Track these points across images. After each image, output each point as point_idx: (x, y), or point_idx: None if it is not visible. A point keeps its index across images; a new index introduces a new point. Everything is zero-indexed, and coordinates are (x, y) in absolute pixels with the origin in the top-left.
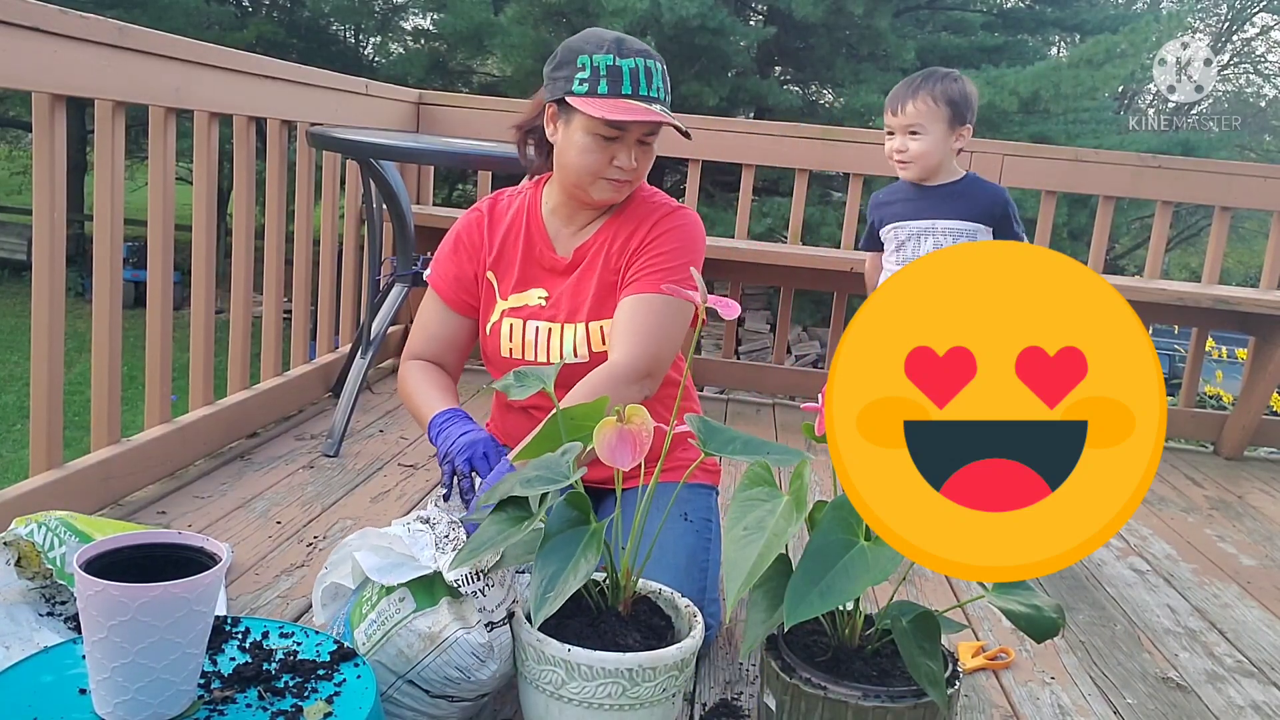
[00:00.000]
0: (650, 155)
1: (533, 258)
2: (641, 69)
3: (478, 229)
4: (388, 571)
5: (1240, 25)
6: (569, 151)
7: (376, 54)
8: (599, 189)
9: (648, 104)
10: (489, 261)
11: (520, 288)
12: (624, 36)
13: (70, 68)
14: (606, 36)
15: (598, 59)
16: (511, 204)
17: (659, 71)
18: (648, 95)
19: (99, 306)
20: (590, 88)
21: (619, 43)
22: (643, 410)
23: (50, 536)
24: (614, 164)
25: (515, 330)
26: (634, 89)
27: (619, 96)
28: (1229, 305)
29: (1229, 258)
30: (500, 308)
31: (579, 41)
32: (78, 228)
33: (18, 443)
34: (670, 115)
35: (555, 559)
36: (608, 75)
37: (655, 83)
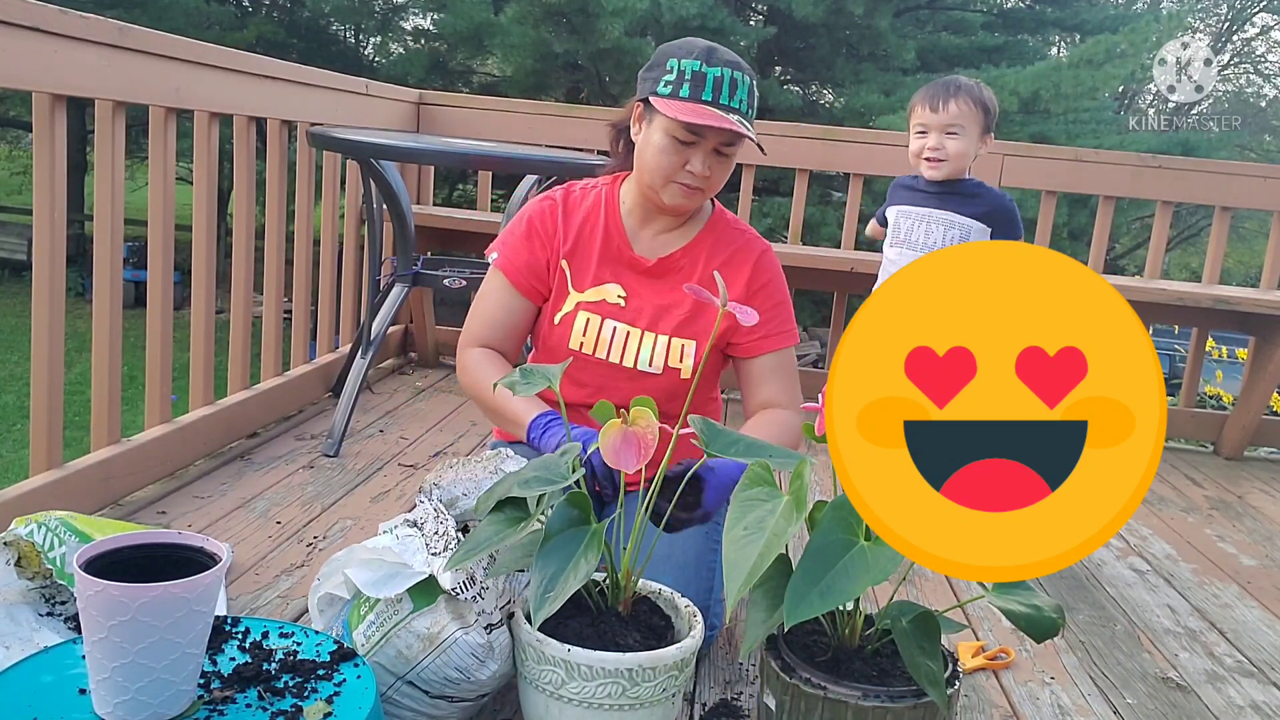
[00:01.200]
0: (726, 166)
1: (610, 252)
2: (727, 79)
3: (552, 217)
4: (382, 584)
5: (1240, 25)
6: (647, 150)
7: (376, 54)
8: (670, 192)
9: (726, 112)
10: (564, 250)
11: (597, 281)
12: (718, 47)
13: (70, 68)
14: (700, 44)
15: (685, 63)
16: (586, 196)
17: (745, 85)
18: (728, 105)
19: (99, 306)
20: (673, 90)
21: (710, 51)
22: (648, 413)
23: (50, 536)
24: (686, 168)
25: (591, 325)
26: (715, 97)
27: (699, 102)
28: (1229, 305)
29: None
30: (574, 299)
31: (673, 46)
32: (78, 228)
33: (18, 443)
34: (746, 127)
35: (556, 559)
36: (692, 80)
37: (739, 95)
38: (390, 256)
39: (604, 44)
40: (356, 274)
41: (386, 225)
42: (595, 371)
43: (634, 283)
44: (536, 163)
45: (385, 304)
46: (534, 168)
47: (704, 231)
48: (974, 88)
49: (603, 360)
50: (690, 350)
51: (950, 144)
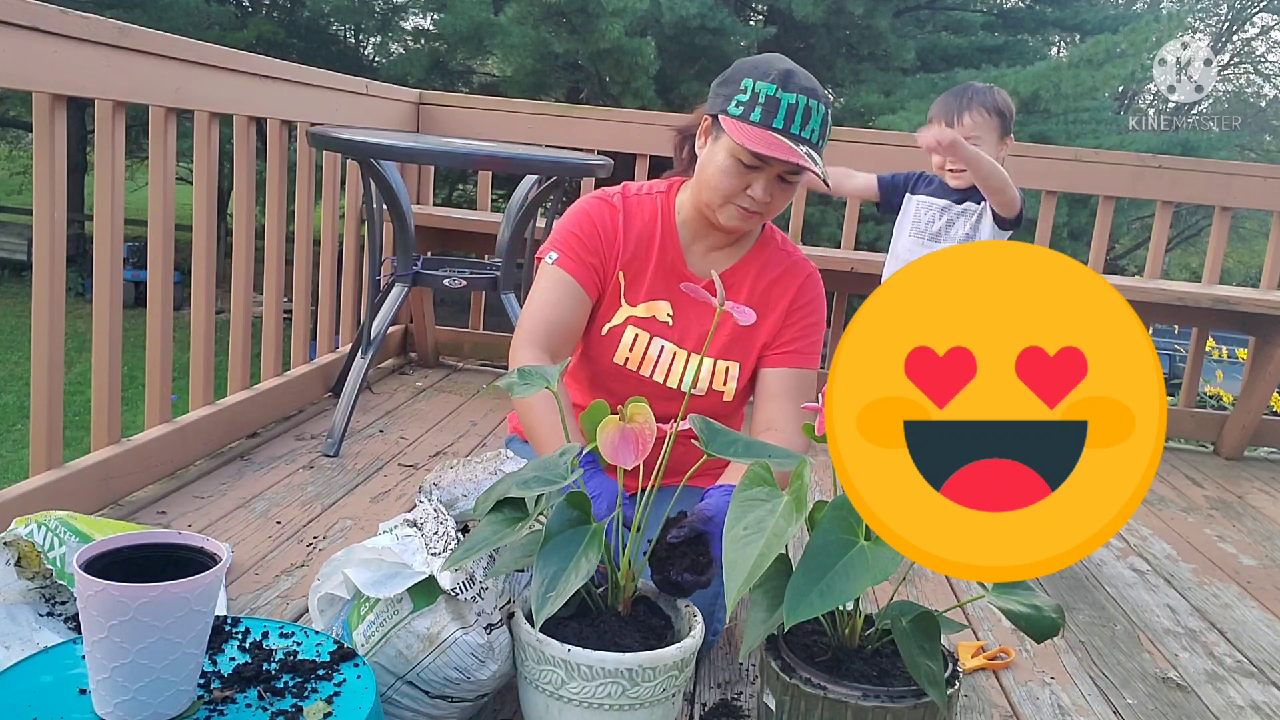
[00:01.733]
0: (789, 194)
1: (665, 267)
2: (801, 107)
3: (613, 221)
4: (382, 584)
5: (1240, 25)
6: (709, 167)
7: (376, 54)
8: (727, 214)
9: (795, 143)
10: (622, 260)
11: (650, 296)
12: (796, 70)
13: (70, 68)
14: (778, 66)
15: (760, 86)
16: (644, 205)
17: (819, 114)
18: (798, 135)
19: (99, 306)
20: (744, 112)
21: (787, 75)
22: (645, 409)
23: (50, 536)
24: (747, 192)
25: (640, 341)
26: (786, 125)
27: (769, 129)
28: (1229, 305)
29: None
30: (626, 312)
31: (750, 64)
32: (78, 228)
33: (18, 443)
34: (814, 161)
35: (556, 559)
36: (765, 104)
37: (812, 124)
38: (390, 256)
39: (604, 44)
40: (356, 274)
41: (386, 225)
42: (636, 387)
43: (683, 302)
44: (536, 163)
45: (385, 304)
46: (534, 168)
47: (753, 251)
48: (987, 94)
49: (646, 378)
50: (734, 373)
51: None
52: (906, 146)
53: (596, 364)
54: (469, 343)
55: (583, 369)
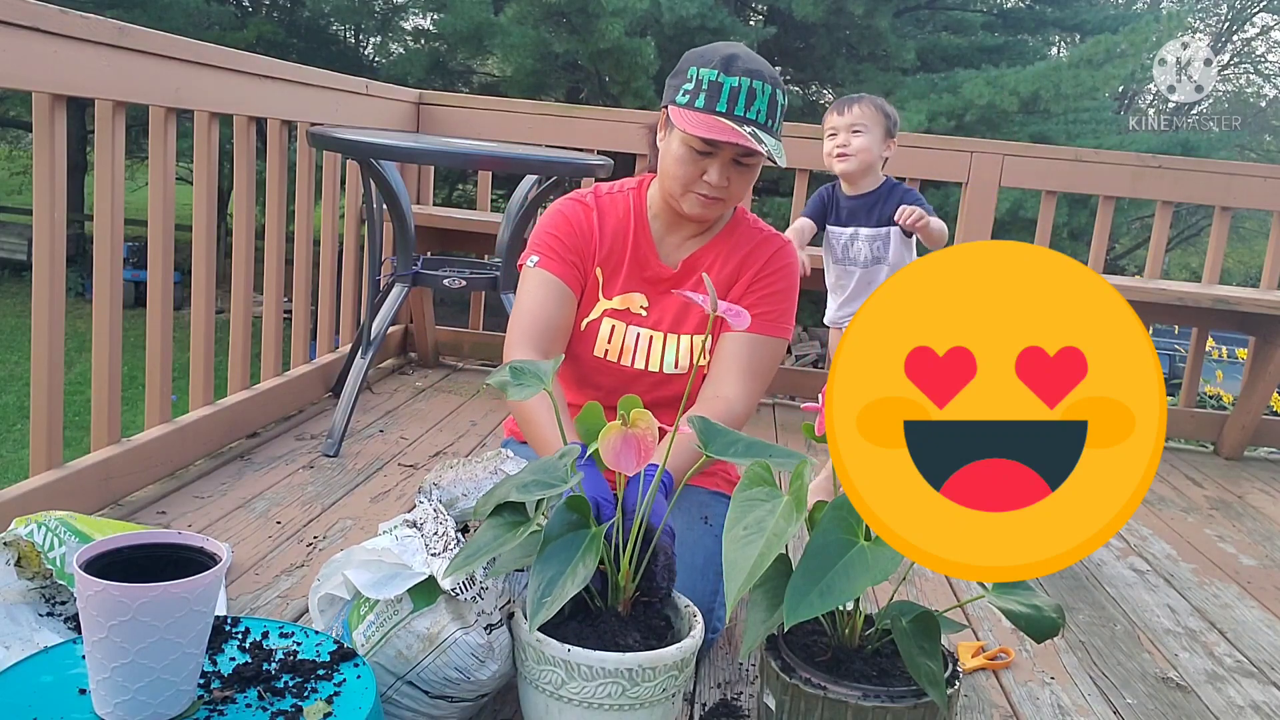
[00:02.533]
0: (747, 176)
1: (638, 262)
2: (745, 89)
3: (588, 220)
4: (382, 585)
5: (1240, 25)
6: (667, 158)
7: (376, 54)
8: (689, 202)
9: (739, 124)
10: (599, 257)
11: (625, 289)
12: (740, 54)
13: (70, 68)
14: (720, 51)
15: (703, 72)
16: (616, 202)
17: (765, 94)
18: (742, 116)
19: (99, 306)
20: (689, 99)
21: (729, 59)
22: (647, 414)
23: (50, 536)
24: (704, 178)
25: (616, 332)
26: (730, 107)
27: (712, 113)
28: (1229, 305)
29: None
30: (602, 306)
31: (697, 53)
32: (78, 228)
33: (18, 443)
34: (760, 139)
35: (554, 563)
36: (708, 89)
37: (757, 104)
38: (390, 256)
39: (604, 44)
40: (356, 274)
41: (386, 225)
42: (619, 377)
43: (658, 292)
44: (536, 163)
45: (385, 304)
46: (534, 168)
47: (723, 233)
48: (875, 98)
49: (627, 367)
50: (709, 345)
51: (856, 140)
52: (906, 147)
53: (579, 359)
54: (469, 343)
55: (567, 365)
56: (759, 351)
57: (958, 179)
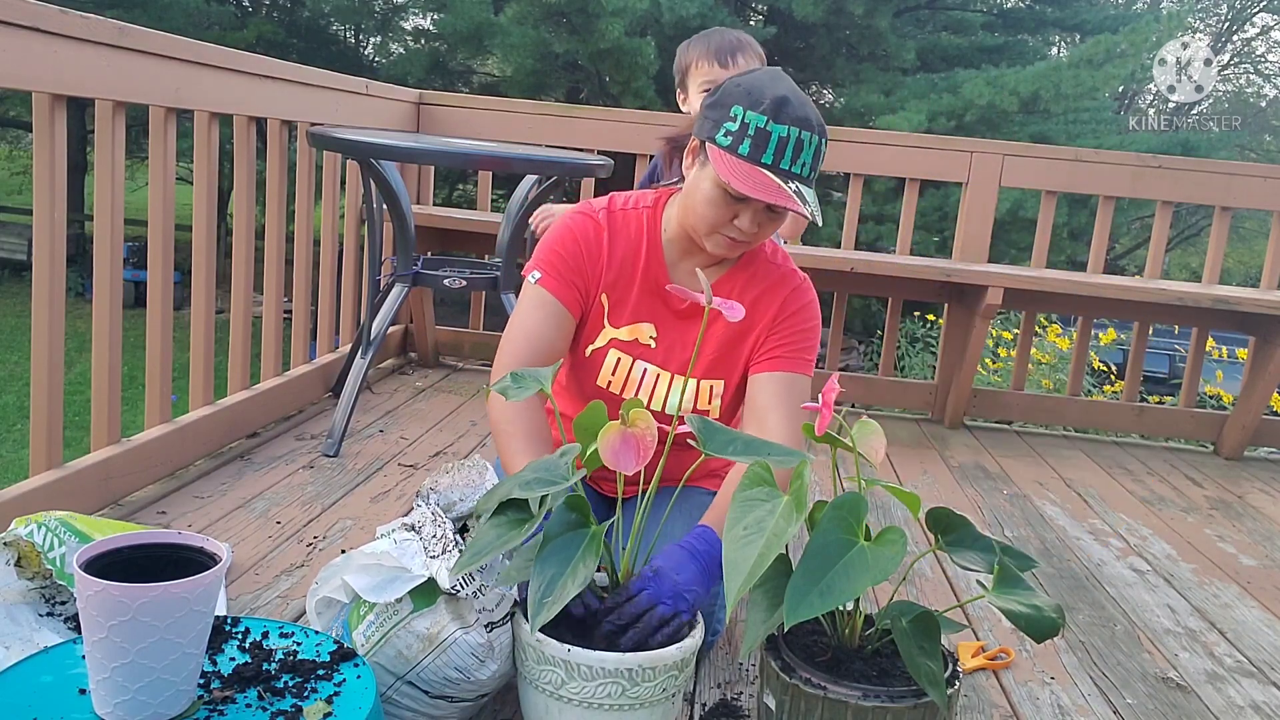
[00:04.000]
0: (776, 223)
1: (648, 290)
2: (792, 140)
3: (597, 240)
4: (381, 589)
5: (1240, 25)
6: (696, 194)
7: (376, 54)
8: (713, 242)
9: (785, 179)
10: (605, 281)
11: (634, 318)
12: (790, 97)
13: (70, 68)
14: (770, 93)
15: (750, 116)
16: (629, 221)
17: (811, 145)
18: (788, 170)
19: (99, 306)
20: (733, 143)
21: (779, 105)
22: (646, 414)
23: (50, 536)
24: (734, 223)
25: (622, 365)
26: (775, 160)
27: (757, 164)
28: (1229, 305)
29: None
30: (609, 335)
31: (742, 89)
32: (78, 228)
33: (18, 443)
34: (802, 201)
35: (554, 563)
36: (754, 137)
37: (803, 157)
38: (390, 256)
39: (604, 44)
40: (356, 274)
41: (386, 225)
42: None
43: (667, 323)
44: (536, 163)
45: (385, 304)
46: (534, 168)
47: (740, 264)
48: (754, 42)
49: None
50: (719, 390)
51: None
52: (907, 146)
53: (582, 383)
54: (469, 343)
55: (573, 386)
56: (793, 391)
57: (958, 179)
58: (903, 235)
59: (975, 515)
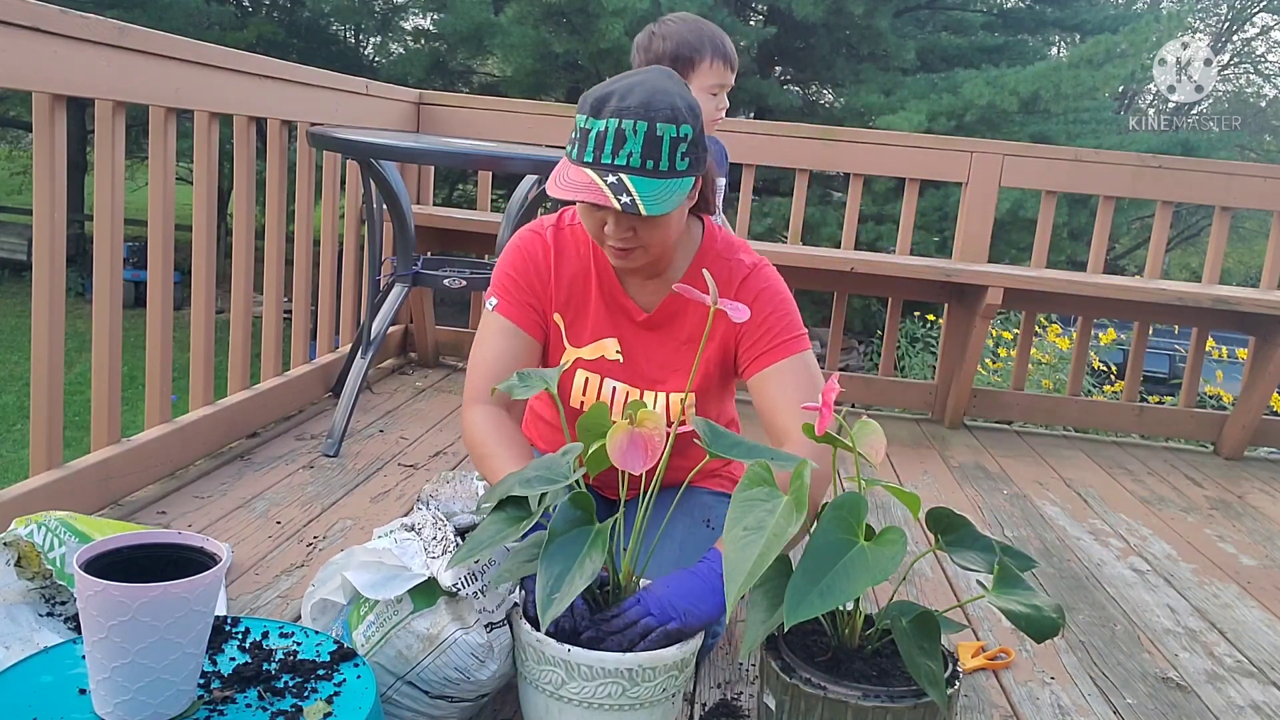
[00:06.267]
0: (655, 223)
1: (605, 302)
2: (611, 131)
3: (545, 260)
4: (381, 586)
5: (1240, 25)
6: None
7: (376, 54)
8: (611, 255)
9: (605, 173)
10: (557, 303)
11: (595, 335)
12: (618, 90)
13: (70, 68)
14: (597, 92)
15: (579, 118)
16: (577, 236)
17: (639, 133)
18: (610, 163)
19: (99, 306)
20: (569, 150)
21: (601, 100)
22: (654, 414)
23: (50, 537)
24: (605, 230)
25: (591, 384)
26: (596, 155)
27: (580, 163)
28: (1229, 305)
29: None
30: (573, 354)
31: (584, 95)
32: (78, 228)
33: (18, 443)
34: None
35: (560, 559)
36: (579, 138)
37: (628, 147)
38: (390, 256)
39: (604, 44)
40: (356, 274)
41: (386, 225)
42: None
43: (631, 335)
44: (536, 163)
45: (385, 304)
46: (534, 168)
47: (690, 271)
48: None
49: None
50: (692, 401)
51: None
52: (907, 146)
53: (562, 402)
54: (469, 343)
55: (550, 406)
56: (798, 374)
57: (958, 179)
58: (903, 235)
59: (975, 515)
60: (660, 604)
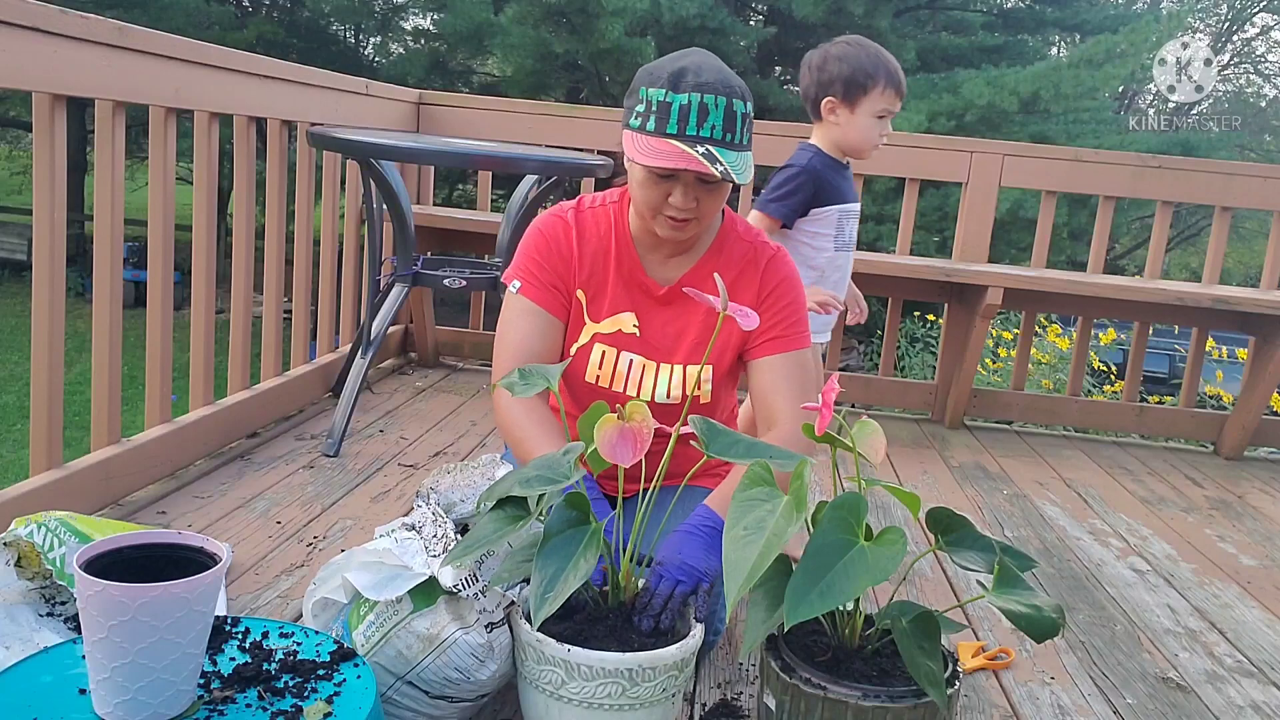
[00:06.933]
0: (717, 194)
1: (623, 280)
2: (695, 105)
3: (567, 240)
4: (382, 586)
5: (1240, 25)
6: (632, 182)
7: (376, 54)
8: (660, 225)
9: (691, 144)
10: (580, 279)
11: (612, 310)
12: (689, 67)
13: (70, 68)
14: (668, 67)
15: (652, 93)
16: (597, 218)
17: (720, 107)
18: (695, 135)
19: (99, 306)
20: (641, 123)
21: (677, 75)
22: (644, 408)
23: (50, 537)
24: (669, 200)
25: (608, 358)
26: (680, 128)
27: (663, 135)
28: (1229, 305)
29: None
30: (590, 330)
31: (646, 71)
32: (78, 228)
33: (18, 443)
34: (713, 161)
35: (555, 559)
36: (657, 111)
37: (711, 120)
38: (390, 256)
39: (604, 44)
40: (356, 274)
41: (386, 225)
42: (614, 402)
43: (648, 310)
44: (536, 163)
45: (385, 304)
46: (534, 168)
47: (711, 249)
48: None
49: (620, 393)
50: (707, 375)
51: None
52: (907, 146)
53: (571, 383)
54: (469, 343)
55: (563, 387)
56: (795, 369)
57: (958, 179)
58: (903, 235)
59: (975, 515)
60: (682, 570)
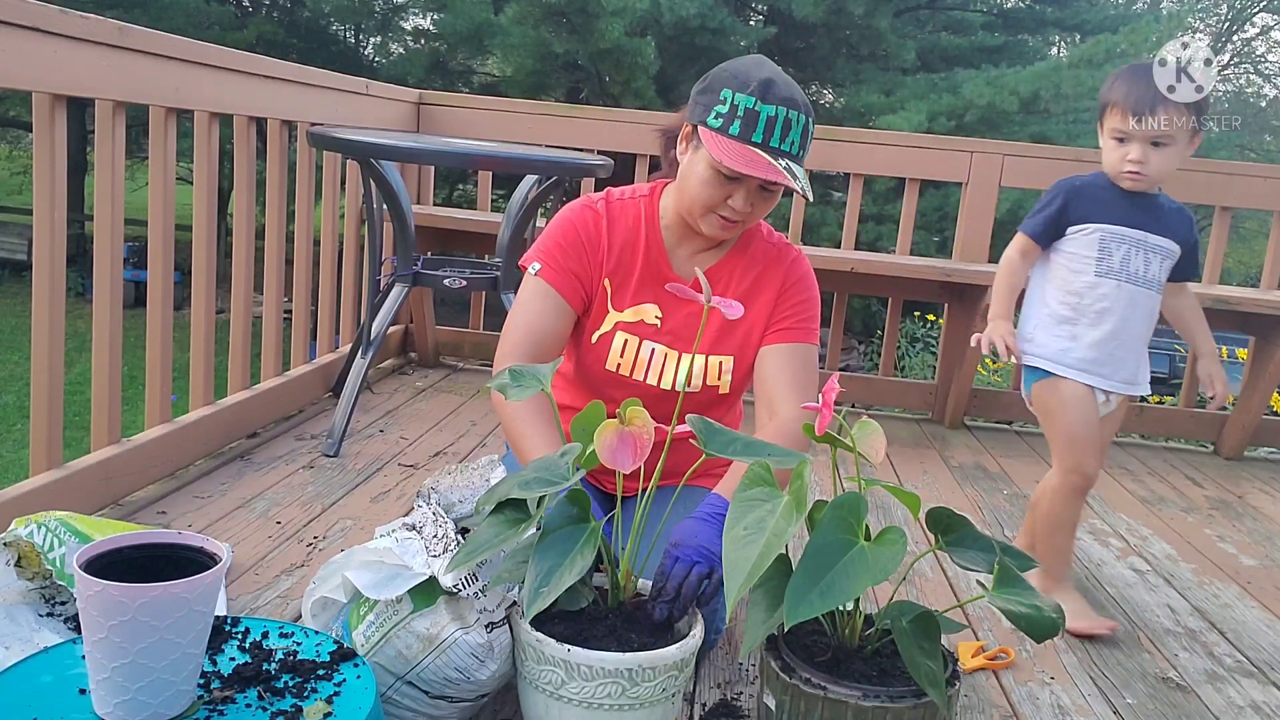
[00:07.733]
0: (770, 202)
1: (649, 271)
2: (780, 119)
3: (596, 229)
4: (383, 586)
5: (1240, 25)
6: (690, 177)
7: (376, 54)
8: (708, 223)
9: (775, 156)
10: (607, 268)
11: (636, 300)
12: (776, 79)
13: (70, 68)
14: (756, 75)
15: (739, 98)
16: (627, 210)
17: (799, 124)
18: (778, 148)
19: (99, 306)
20: (724, 125)
21: (766, 85)
22: (644, 412)
23: (50, 537)
24: (728, 202)
25: (630, 346)
26: (765, 138)
27: (748, 143)
28: (1229, 305)
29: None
30: (614, 318)
31: (728, 73)
32: (78, 228)
33: (18, 443)
34: (793, 176)
35: (551, 555)
36: (744, 117)
37: (792, 135)
38: (390, 256)
39: (604, 44)
40: (356, 274)
41: (386, 225)
42: (631, 391)
43: (671, 302)
44: (536, 163)
45: (385, 304)
46: (534, 168)
47: (738, 246)
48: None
49: (640, 382)
50: (728, 366)
51: (1156, 158)
52: (907, 146)
53: (590, 371)
54: (469, 343)
55: (578, 376)
56: (800, 362)
57: (958, 179)
58: (903, 235)
59: (975, 515)
60: (698, 552)
